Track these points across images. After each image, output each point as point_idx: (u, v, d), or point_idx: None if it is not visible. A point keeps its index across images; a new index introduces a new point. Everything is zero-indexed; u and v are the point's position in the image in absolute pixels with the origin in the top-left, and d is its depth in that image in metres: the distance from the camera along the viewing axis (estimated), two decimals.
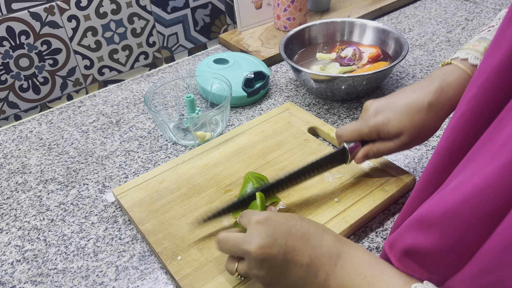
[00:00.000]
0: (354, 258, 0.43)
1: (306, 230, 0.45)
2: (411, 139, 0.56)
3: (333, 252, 0.44)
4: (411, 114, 0.55)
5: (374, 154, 0.60)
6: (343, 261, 0.44)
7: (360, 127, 0.58)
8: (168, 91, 0.83)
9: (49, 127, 0.85)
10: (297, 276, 0.44)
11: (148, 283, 0.56)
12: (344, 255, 0.44)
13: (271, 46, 1.01)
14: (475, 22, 1.08)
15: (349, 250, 0.44)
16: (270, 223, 0.45)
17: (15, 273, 0.58)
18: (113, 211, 0.66)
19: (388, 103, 0.57)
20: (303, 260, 0.44)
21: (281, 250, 0.44)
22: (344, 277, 0.42)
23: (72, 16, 0.86)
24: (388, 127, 0.56)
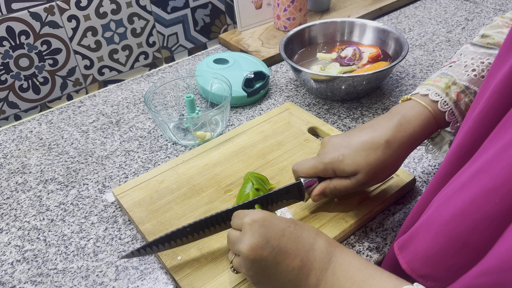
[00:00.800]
0: (345, 263, 0.44)
1: (299, 234, 0.46)
2: (368, 178, 0.54)
3: (325, 257, 0.44)
4: (367, 152, 0.53)
5: (331, 191, 0.57)
6: (333, 265, 0.44)
7: (316, 163, 0.56)
8: (168, 91, 0.83)
9: (49, 127, 0.85)
10: (288, 278, 0.44)
11: (148, 283, 0.56)
12: (335, 259, 0.44)
13: (271, 46, 1.01)
14: (475, 22, 1.08)
15: (340, 254, 0.45)
16: (265, 223, 0.46)
17: (15, 273, 0.58)
18: (113, 211, 0.66)
19: (344, 140, 0.55)
20: (294, 263, 0.44)
21: (272, 251, 0.44)
22: (334, 282, 0.43)
23: (72, 16, 0.86)
24: (343, 165, 0.54)
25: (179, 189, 0.65)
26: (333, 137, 0.57)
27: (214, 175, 0.67)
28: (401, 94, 0.85)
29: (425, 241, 0.42)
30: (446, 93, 0.54)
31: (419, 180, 0.67)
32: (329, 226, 0.58)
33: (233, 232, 0.49)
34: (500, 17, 0.58)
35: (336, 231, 0.57)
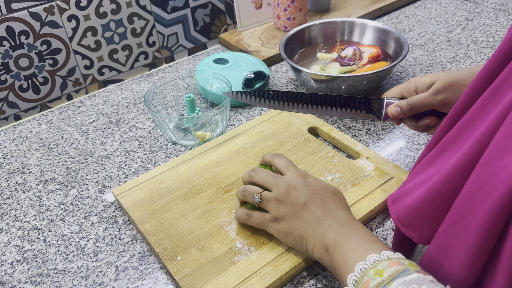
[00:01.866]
0: (358, 227, 0.48)
1: (329, 198, 0.52)
2: (443, 86, 0.58)
3: (343, 220, 0.50)
4: (450, 70, 0.60)
5: (407, 103, 0.60)
6: (347, 225, 0.49)
7: (401, 85, 0.62)
8: (168, 91, 0.83)
9: (49, 127, 0.85)
10: (306, 219, 0.51)
11: (148, 283, 0.55)
12: (351, 224, 0.49)
13: (271, 46, 1.01)
14: (475, 22, 1.08)
15: (357, 223, 0.49)
16: (307, 179, 0.54)
17: (15, 273, 0.58)
18: (113, 211, 0.66)
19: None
20: (317, 211, 0.51)
21: (304, 196, 0.52)
22: (343, 232, 0.48)
23: (72, 16, 0.86)
24: (424, 77, 0.60)
25: (179, 189, 0.65)
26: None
27: (214, 175, 0.67)
28: None
29: (412, 195, 0.47)
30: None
31: None
32: None
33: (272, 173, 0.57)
34: None
35: None
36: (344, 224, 0.49)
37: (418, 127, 0.62)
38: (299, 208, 0.51)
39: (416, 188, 0.47)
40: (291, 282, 0.54)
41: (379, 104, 0.62)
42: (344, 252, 0.45)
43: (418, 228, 0.47)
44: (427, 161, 0.49)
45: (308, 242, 0.50)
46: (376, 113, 0.62)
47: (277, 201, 0.53)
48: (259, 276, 0.53)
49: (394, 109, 0.60)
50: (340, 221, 0.49)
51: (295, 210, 0.51)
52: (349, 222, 0.49)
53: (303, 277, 0.55)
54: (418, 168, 0.50)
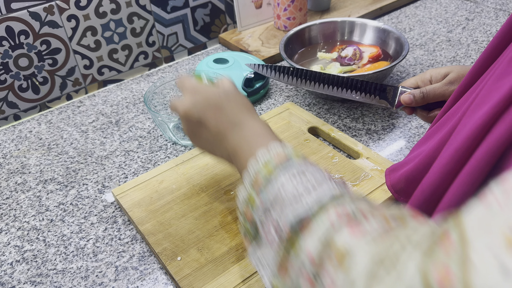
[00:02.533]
0: (250, 129, 0.47)
1: (221, 101, 0.50)
2: (456, 77, 0.60)
3: (236, 121, 0.48)
4: (463, 66, 0.61)
5: (420, 92, 0.61)
6: (240, 129, 0.48)
7: (417, 75, 0.64)
8: (168, 91, 0.83)
9: (48, 127, 0.85)
10: (205, 136, 0.51)
11: (148, 283, 0.55)
12: (244, 125, 0.48)
13: (271, 45, 1.01)
14: (475, 21, 1.08)
15: (249, 122, 0.48)
16: (198, 91, 0.52)
17: (15, 274, 0.58)
18: (113, 211, 0.66)
19: None
20: (210, 123, 0.49)
21: (197, 113, 0.50)
22: (235, 141, 0.47)
23: (72, 15, 0.86)
24: (440, 69, 0.62)
25: (179, 189, 0.65)
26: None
27: (214, 175, 0.67)
28: None
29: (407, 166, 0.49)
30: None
31: None
32: None
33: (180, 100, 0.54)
34: None
35: None
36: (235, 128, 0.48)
37: (429, 117, 0.64)
38: (196, 127, 0.51)
39: (412, 160, 0.49)
40: None
41: (394, 91, 0.64)
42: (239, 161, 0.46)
43: (410, 193, 0.48)
44: (425, 138, 0.50)
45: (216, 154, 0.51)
46: (390, 100, 0.64)
47: (183, 126, 0.53)
48: (259, 276, 0.52)
49: (407, 96, 0.62)
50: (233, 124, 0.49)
51: (194, 131, 0.52)
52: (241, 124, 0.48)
53: None
54: (417, 144, 0.53)
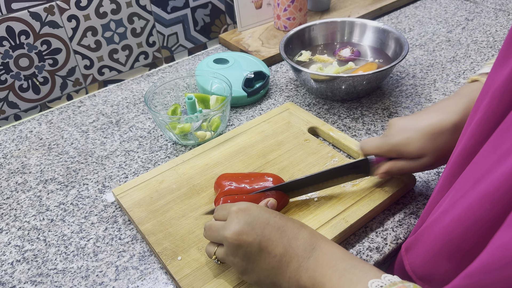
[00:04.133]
0: (328, 252, 0.44)
1: (284, 223, 0.47)
2: (434, 160, 0.55)
3: (308, 245, 0.45)
4: (434, 136, 0.53)
5: (397, 170, 0.57)
6: (317, 254, 0.44)
7: (382, 144, 0.57)
8: (168, 91, 0.83)
9: (49, 127, 0.85)
10: (270, 265, 0.45)
11: (148, 283, 0.55)
12: (319, 248, 0.44)
13: (271, 46, 1.01)
14: (475, 22, 1.08)
15: (324, 244, 0.45)
16: (250, 212, 0.47)
17: (15, 273, 0.58)
18: (113, 211, 0.66)
19: (411, 123, 0.56)
20: (277, 250, 0.45)
21: (257, 238, 0.45)
22: (316, 269, 0.43)
23: (72, 16, 0.86)
24: (409, 148, 0.55)
25: (179, 189, 0.65)
26: (400, 119, 0.58)
27: (214, 175, 0.67)
28: (401, 94, 0.85)
29: (426, 244, 0.43)
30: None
31: (419, 180, 0.67)
32: (329, 226, 0.58)
33: (218, 222, 0.50)
34: None
35: (336, 231, 0.57)
36: (311, 256, 0.44)
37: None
38: (256, 256, 0.45)
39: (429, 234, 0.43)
40: None
41: (365, 163, 0.60)
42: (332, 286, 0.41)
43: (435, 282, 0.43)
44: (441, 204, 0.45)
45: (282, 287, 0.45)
46: (364, 171, 0.60)
47: (231, 256, 0.47)
48: None
49: (384, 175, 0.59)
50: (305, 252, 0.44)
51: (253, 259, 0.46)
52: (315, 249, 0.44)
53: None
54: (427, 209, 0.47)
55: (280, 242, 0.45)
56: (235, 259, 0.47)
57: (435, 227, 0.42)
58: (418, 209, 0.63)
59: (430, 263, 0.42)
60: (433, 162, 0.55)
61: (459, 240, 0.38)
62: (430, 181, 0.67)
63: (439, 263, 0.41)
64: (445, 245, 0.40)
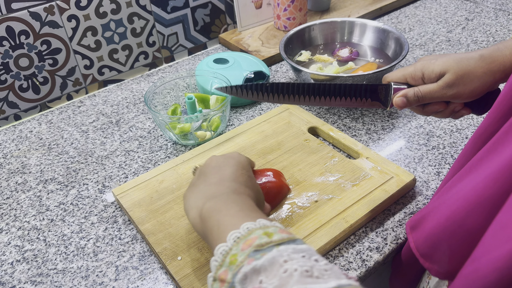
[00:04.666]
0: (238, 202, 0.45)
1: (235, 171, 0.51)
2: (454, 79, 0.53)
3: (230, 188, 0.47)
4: (460, 58, 0.54)
5: (414, 94, 0.55)
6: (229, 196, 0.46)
7: (406, 67, 0.57)
8: (168, 91, 0.83)
9: (49, 127, 0.85)
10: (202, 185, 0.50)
11: (148, 283, 0.55)
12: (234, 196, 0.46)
13: (271, 46, 1.01)
14: (475, 21, 1.08)
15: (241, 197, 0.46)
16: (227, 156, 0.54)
17: (15, 273, 0.58)
18: (113, 211, 0.66)
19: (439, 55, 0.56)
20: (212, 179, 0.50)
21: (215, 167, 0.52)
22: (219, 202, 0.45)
23: (72, 16, 0.86)
24: (433, 65, 0.54)
25: (179, 189, 0.65)
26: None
27: None
28: None
29: (431, 222, 0.44)
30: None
31: (419, 180, 0.67)
32: (329, 226, 0.58)
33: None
34: None
35: (336, 231, 0.57)
36: (227, 193, 0.46)
37: (425, 112, 0.58)
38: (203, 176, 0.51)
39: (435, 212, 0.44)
40: None
41: (386, 90, 0.58)
42: (220, 217, 0.42)
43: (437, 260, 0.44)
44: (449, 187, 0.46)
45: (188, 206, 0.48)
46: (382, 100, 0.58)
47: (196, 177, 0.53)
48: None
49: (400, 99, 0.56)
50: (226, 189, 0.47)
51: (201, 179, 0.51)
52: (235, 193, 0.46)
53: None
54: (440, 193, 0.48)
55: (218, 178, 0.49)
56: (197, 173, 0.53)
57: (441, 206, 0.43)
58: (418, 209, 0.63)
59: (432, 240, 0.43)
60: (452, 81, 0.53)
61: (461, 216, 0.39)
62: (430, 181, 0.67)
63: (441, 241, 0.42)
64: (448, 222, 0.41)
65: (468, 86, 0.53)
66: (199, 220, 0.45)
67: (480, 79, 0.53)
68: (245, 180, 0.50)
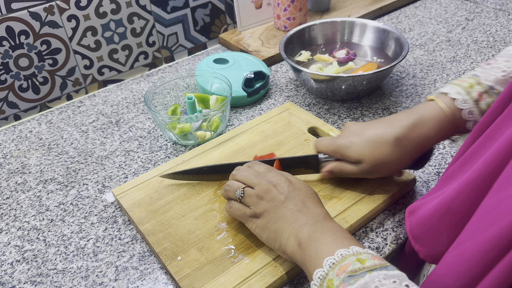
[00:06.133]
0: (335, 227, 0.48)
1: (309, 196, 0.52)
2: (371, 169, 0.58)
3: (321, 216, 0.49)
4: (375, 145, 0.56)
5: (338, 171, 0.61)
6: (323, 223, 0.48)
7: (329, 143, 0.61)
8: (168, 91, 0.83)
9: (48, 127, 0.85)
10: (283, 214, 0.50)
11: (148, 283, 0.55)
12: (329, 221, 0.49)
13: (271, 46, 1.01)
14: (475, 22, 1.08)
15: (334, 223, 0.49)
16: (289, 177, 0.54)
17: (15, 273, 0.58)
18: (113, 211, 0.66)
19: (360, 129, 0.59)
20: (295, 207, 0.50)
21: (284, 193, 0.51)
22: (316, 229, 0.47)
23: (72, 16, 0.86)
24: (349, 151, 0.58)
25: (179, 189, 0.65)
26: (353, 123, 0.61)
27: None
28: (401, 94, 0.85)
29: (426, 206, 0.46)
30: (468, 92, 0.55)
31: (419, 180, 0.67)
32: None
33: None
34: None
35: None
36: (320, 221, 0.48)
37: None
38: (278, 203, 0.51)
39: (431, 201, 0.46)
40: (291, 282, 0.54)
41: (314, 160, 0.63)
42: (317, 246, 0.44)
43: (425, 243, 0.45)
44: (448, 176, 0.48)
45: (282, 237, 0.49)
46: (314, 167, 0.63)
47: (258, 197, 0.52)
48: (259, 276, 0.53)
49: (327, 174, 0.62)
50: (317, 217, 0.49)
51: (274, 205, 0.51)
52: (326, 219, 0.49)
53: (303, 277, 0.55)
54: (439, 182, 0.50)
55: (300, 204, 0.50)
56: (261, 200, 0.52)
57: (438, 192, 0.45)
58: None
59: (423, 222, 0.45)
60: (369, 170, 0.58)
61: (450, 199, 0.41)
62: (430, 181, 0.67)
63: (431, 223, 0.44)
64: (439, 204, 0.43)
65: (385, 170, 0.58)
66: (297, 249, 0.47)
67: (396, 164, 0.57)
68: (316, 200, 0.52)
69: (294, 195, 0.51)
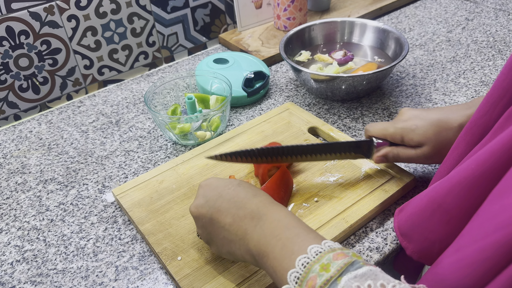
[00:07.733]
0: (274, 221, 0.44)
1: (236, 194, 0.48)
2: (432, 152, 0.56)
3: (255, 214, 0.45)
4: (439, 129, 0.56)
5: (393, 156, 0.60)
6: (262, 223, 0.44)
7: (387, 126, 0.60)
8: (168, 91, 0.83)
9: (48, 127, 0.85)
10: (222, 235, 0.47)
11: (148, 283, 0.55)
12: (266, 217, 0.45)
13: (271, 46, 1.01)
14: (475, 22, 1.08)
15: (272, 213, 0.45)
16: (209, 186, 0.50)
17: (15, 273, 0.58)
18: (113, 211, 0.66)
19: (422, 113, 0.58)
20: (226, 220, 0.46)
21: (209, 210, 0.48)
22: (260, 238, 0.43)
23: (72, 16, 0.86)
24: (412, 134, 0.57)
25: (179, 189, 0.65)
26: (411, 108, 0.61)
27: (214, 175, 0.67)
28: (401, 94, 0.85)
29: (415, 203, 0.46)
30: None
31: (419, 180, 0.67)
32: (329, 226, 0.58)
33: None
34: None
35: (336, 231, 0.57)
36: (257, 224, 0.44)
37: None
38: (209, 226, 0.48)
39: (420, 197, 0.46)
40: None
41: (368, 145, 0.62)
42: (270, 263, 0.41)
43: (413, 239, 0.45)
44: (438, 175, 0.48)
45: (237, 257, 0.47)
46: (365, 153, 0.63)
47: (198, 228, 0.51)
48: (260, 276, 0.53)
49: (380, 159, 0.61)
50: (252, 221, 0.45)
51: (209, 229, 0.48)
52: (261, 218, 0.45)
53: None
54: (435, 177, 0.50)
55: (228, 213, 0.46)
56: (199, 230, 0.50)
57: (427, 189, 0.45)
58: None
59: (412, 219, 0.45)
60: (430, 154, 0.57)
61: (441, 196, 0.41)
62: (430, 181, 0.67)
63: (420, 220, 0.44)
64: (429, 201, 0.42)
65: (443, 156, 0.56)
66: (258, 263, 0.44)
67: None
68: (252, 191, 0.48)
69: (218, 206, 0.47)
